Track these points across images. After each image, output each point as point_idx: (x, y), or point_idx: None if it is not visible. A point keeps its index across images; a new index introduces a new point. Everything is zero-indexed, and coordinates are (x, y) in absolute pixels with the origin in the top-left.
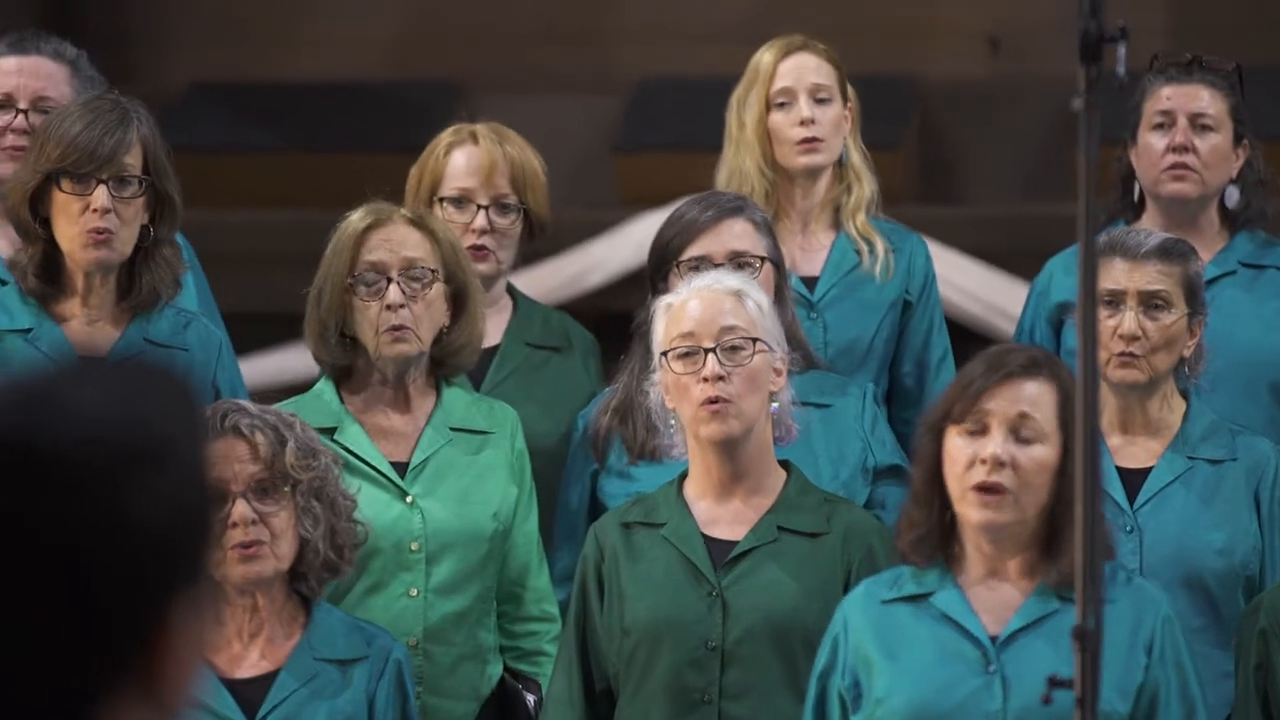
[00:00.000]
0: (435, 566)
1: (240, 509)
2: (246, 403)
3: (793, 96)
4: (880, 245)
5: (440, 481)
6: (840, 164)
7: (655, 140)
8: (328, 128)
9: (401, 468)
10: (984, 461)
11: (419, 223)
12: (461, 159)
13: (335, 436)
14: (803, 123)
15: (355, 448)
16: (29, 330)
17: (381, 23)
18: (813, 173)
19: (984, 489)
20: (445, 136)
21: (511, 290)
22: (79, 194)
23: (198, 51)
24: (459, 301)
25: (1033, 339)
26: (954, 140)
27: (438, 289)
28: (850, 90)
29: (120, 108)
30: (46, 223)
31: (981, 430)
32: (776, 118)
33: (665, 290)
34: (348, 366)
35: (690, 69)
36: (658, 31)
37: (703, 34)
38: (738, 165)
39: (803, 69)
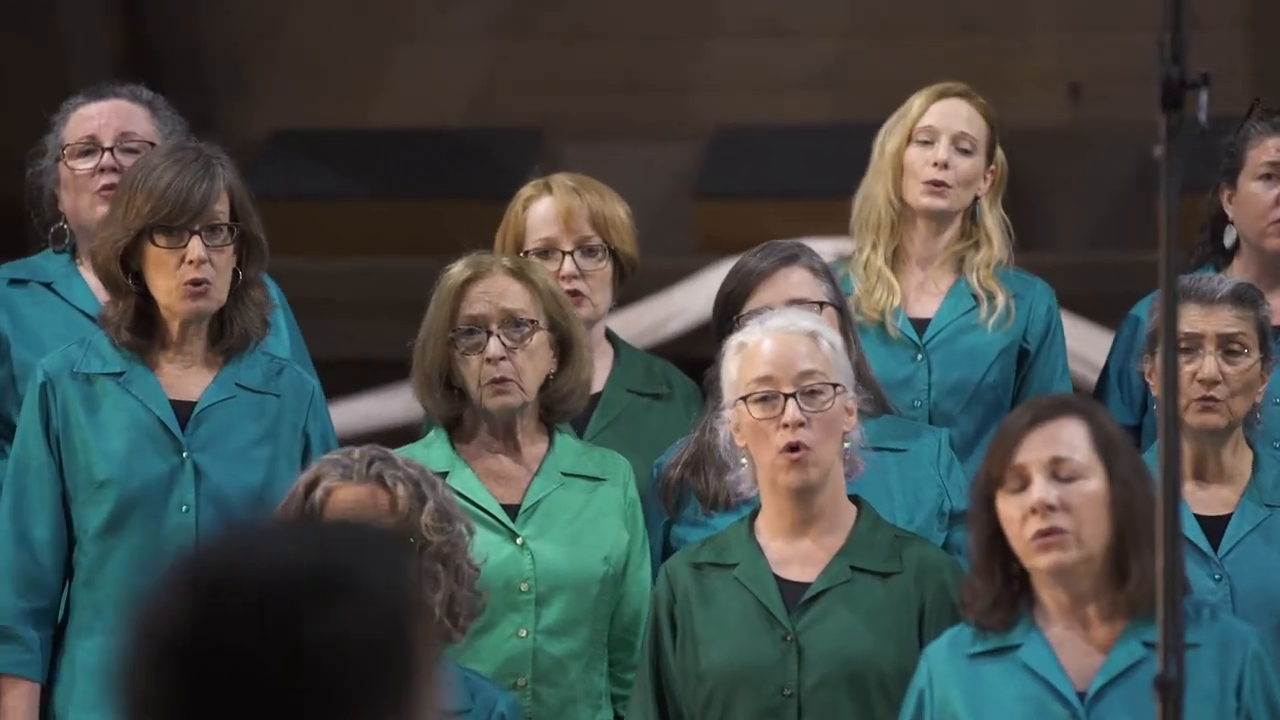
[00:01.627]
0: (545, 608)
1: None
2: (394, 454)
3: (935, 136)
4: (1001, 297)
5: (551, 524)
6: (973, 220)
7: (732, 188)
8: (409, 175)
9: (512, 510)
10: (1034, 511)
11: (519, 273)
12: (540, 210)
13: (447, 481)
14: (936, 164)
15: (466, 490)
16: (121, 374)
17: (463, 71)
18: (934, 216)
19: (1042, 535)
20: (523, 193)
21: (611, 337)
22: (173, 247)
23: (279, 100)
24: (564, 347)
25: (1122, 384)
26: (1034, 187)
27: (540, 338)
28: (1000, 154)
29: (203, 156)
30: (138, 276)
31: (1024, 484)
32: (913, 152)
33: None
34: (457, 416)
35: (768, 118)
36: (736, 81)
37: (780, 83)
38: (869, 191)
39: (953, 114)
